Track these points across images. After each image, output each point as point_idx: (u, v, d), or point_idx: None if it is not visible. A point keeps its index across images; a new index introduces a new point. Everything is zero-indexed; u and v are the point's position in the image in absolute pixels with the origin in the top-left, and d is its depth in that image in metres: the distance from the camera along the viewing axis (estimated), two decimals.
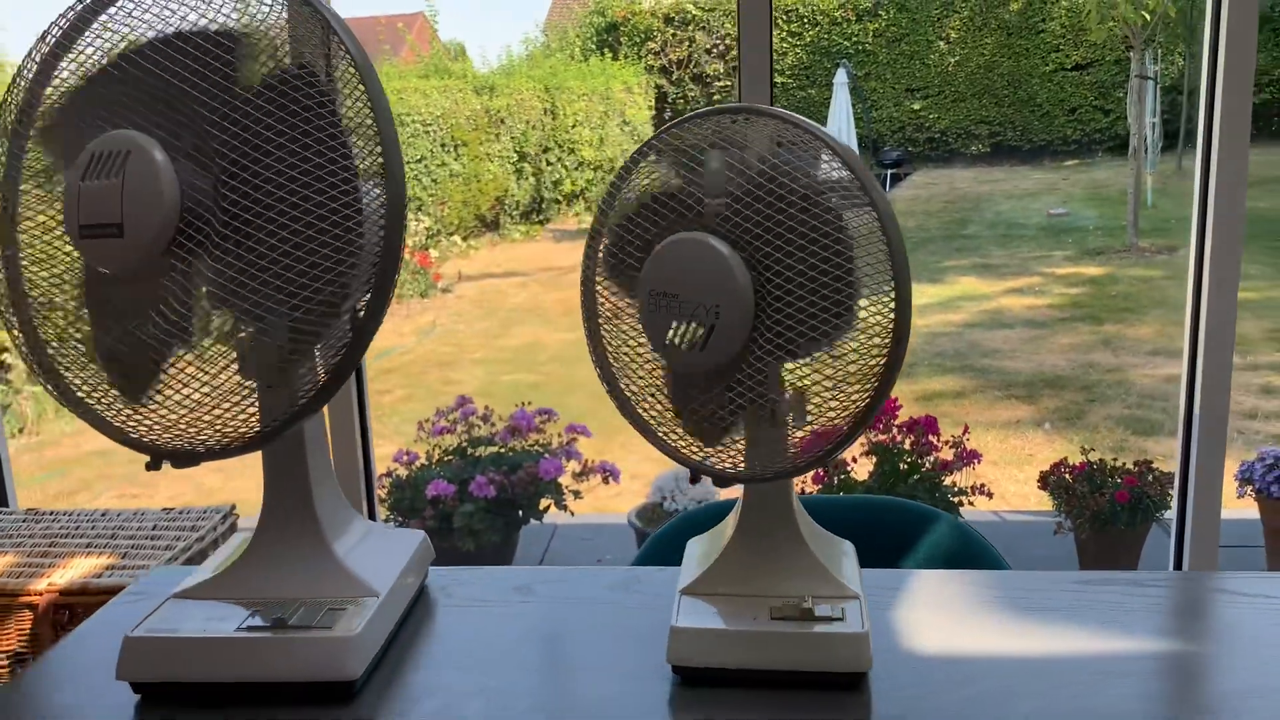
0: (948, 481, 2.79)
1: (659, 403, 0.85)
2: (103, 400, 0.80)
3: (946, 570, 1.01)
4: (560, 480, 2.97)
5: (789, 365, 0.78)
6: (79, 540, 2.07)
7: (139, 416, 0.81)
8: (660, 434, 0.86)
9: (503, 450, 2.95)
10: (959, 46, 14.78)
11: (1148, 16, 8.30)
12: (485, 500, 2.76)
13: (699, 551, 0.92)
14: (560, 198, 13.20)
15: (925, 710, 0.78)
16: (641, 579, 1.00)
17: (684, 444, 0.86)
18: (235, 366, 0.79)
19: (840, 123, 12.24)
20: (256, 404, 0.82)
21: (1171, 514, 2.75)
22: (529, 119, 12.77)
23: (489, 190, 12.04)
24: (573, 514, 3.03)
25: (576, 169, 13.28)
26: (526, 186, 12.64)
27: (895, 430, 2.92)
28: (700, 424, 0.83)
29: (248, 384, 0.80)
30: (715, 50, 15.15)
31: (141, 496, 5.05)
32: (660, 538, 1.13)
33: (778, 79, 14.72)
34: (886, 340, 0.76)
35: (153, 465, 0.80)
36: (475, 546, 2.78)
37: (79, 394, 0.79)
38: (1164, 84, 11.84)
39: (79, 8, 0.77)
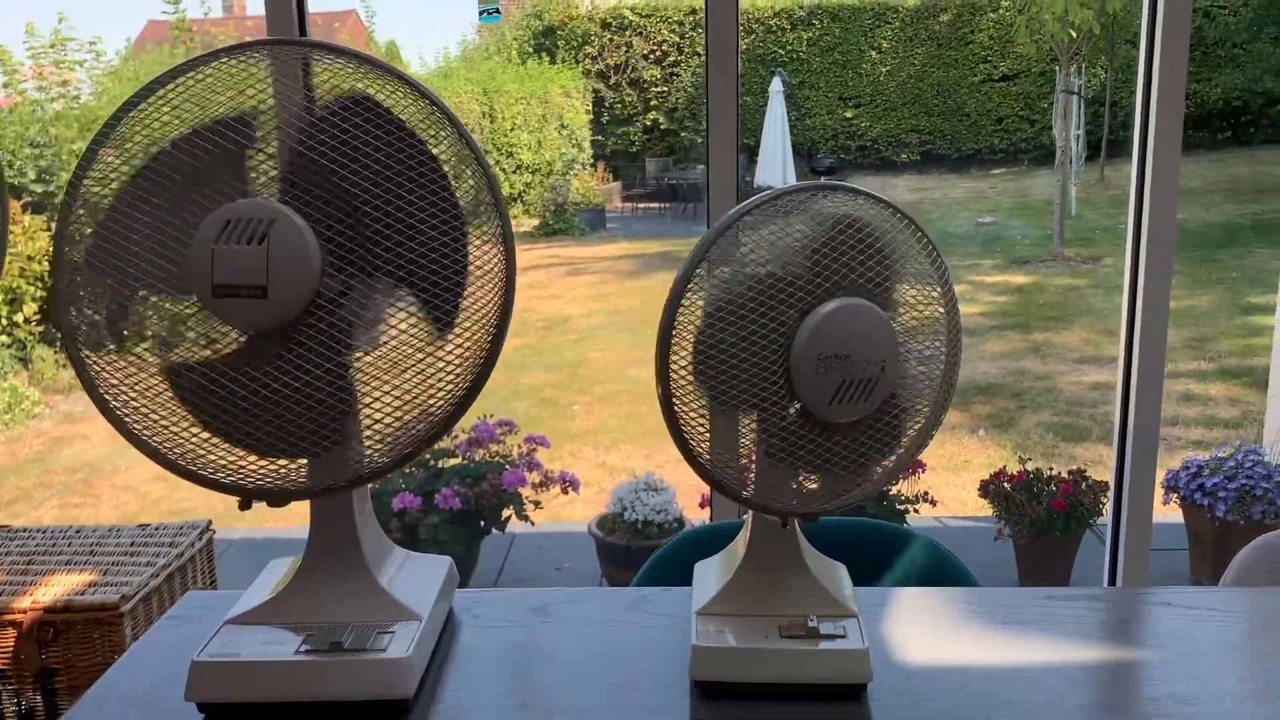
0: (894, 490, 2.93)
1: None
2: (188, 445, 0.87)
3: (927, 588, 1.12)
4: (520, 490, 3.04)
5: None
6: (58, 557, 2.10)
7: (230, 463, 0.88)
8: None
9: (466, 462, 3.02)
10: (890, 56, 15.10)
11: (1074, 34, 8.60)
12: (450, 512, 2.82)
13: (709, 575, 1.01)
14: None
15: (919, 716, 0.88)
16: (650, 599, 1.09)
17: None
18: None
19: (776, 129, 12.44)
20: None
21: (1104, 520, 2.92)
22: (467, 121, 12.78)
23: None
24: (533, 524, 3.10)
25: (515, 172, 13.31)
26: None
27: None
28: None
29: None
30: (652, 56, 15.27)
31: (85, 505, 5.00)
32: (661, 559, 1.23)
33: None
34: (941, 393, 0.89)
35: (244, 505, 0.88)
36: None
37: (153, 440, 0.86)
38: (1086, 96, 12.23)
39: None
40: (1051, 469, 3.03)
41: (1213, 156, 12.84)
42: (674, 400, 0.87)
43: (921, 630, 1.01)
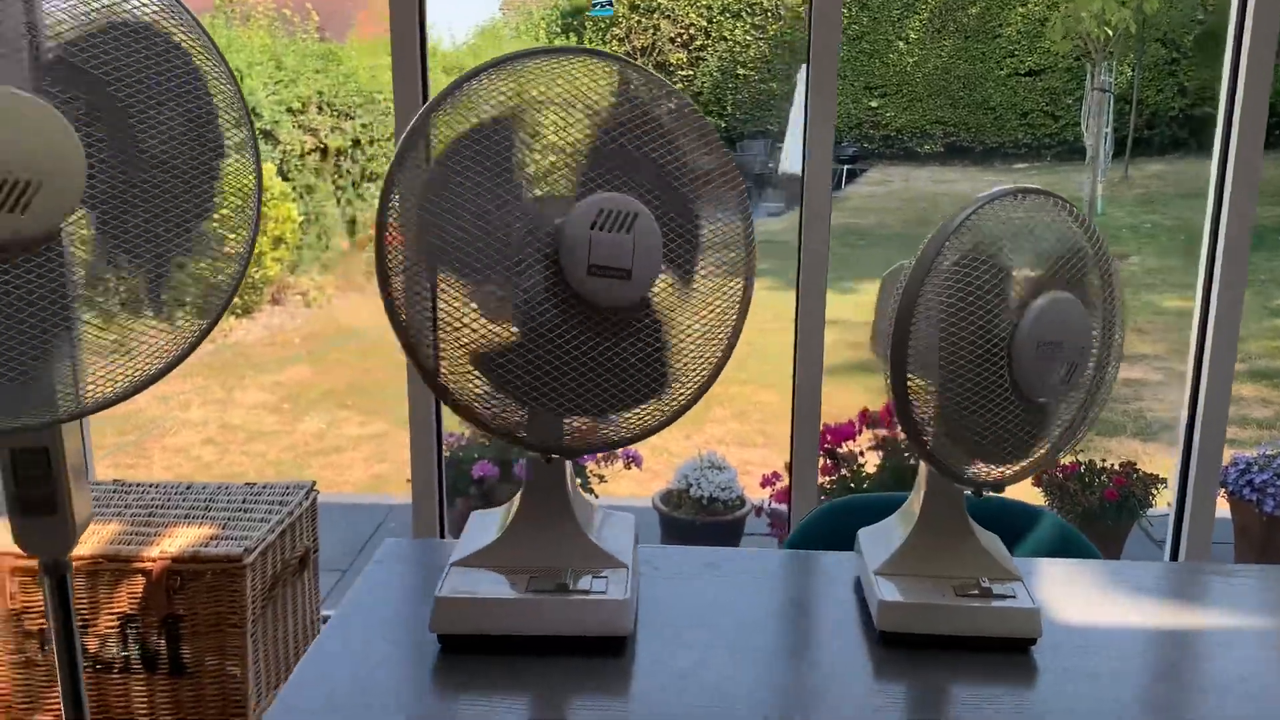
0: None
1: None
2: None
3: (1070, 559, 1.22)
4: (586, 464, 3.15)
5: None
6: (176, 512, 2.21)
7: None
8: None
9: None
10: (918, 47, 15.12)
11: (1110, 32, 8.65)
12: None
13: (879, 539, 1.11)
14: None
15: (1083, 667, 0.98)
16: (810, 559, 1.20)
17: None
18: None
19: (802, 117, 12.48)
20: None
21: (1156, 511, 3.03)
22: None
23: None
24: (597, 496, 3.21)
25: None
26: None
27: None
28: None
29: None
30: (679, 39, 15.31)
31: (138, 466, 5.12)
32: (805, 527, 1.33)
33: (740, 71, 14.97)
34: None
35: (549, 460, 1.01)
36: None
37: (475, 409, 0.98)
38: (1114, 94, 12.27)
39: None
40: (1105, 461, 3.14)
41: None
42: (908, 386, 0.98)
43: (1072, 594, 1.12)
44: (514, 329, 0.93)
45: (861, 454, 3.17)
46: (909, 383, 0.98)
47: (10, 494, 1.09)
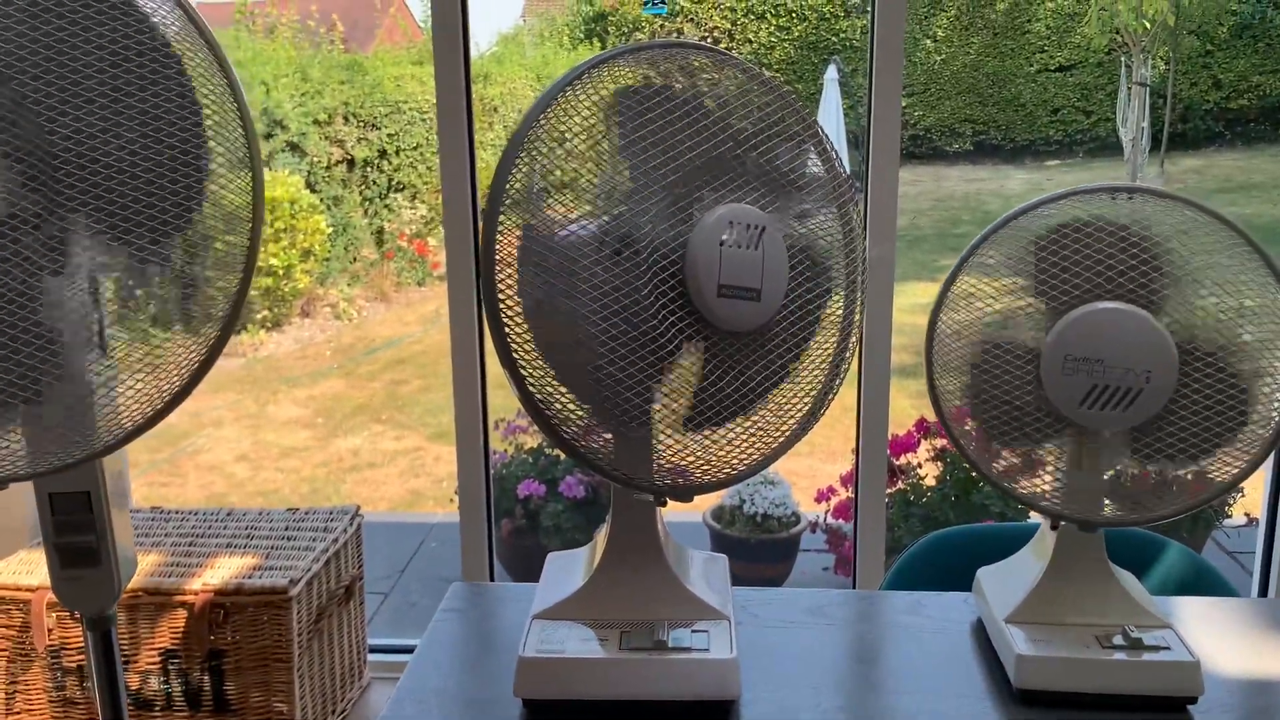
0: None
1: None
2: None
3: (1205, 598, 1.10)
4: None
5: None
6: (217, 540, 2.12)
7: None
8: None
9: None
10: (945, 45, 14.96)
11: (1148, 25, 8.48)
12: (574, 500, 2.84)
13: (1003, 582, 1.00)
14: None
15: None
16: (925, 603, 1.08)
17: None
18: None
19: (830, 118, 12.34)
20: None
21: (1231, 521, 2.90)
22: (521, 108, 12.79)
23: (483, 179, 12.04)
24: None
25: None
26: None
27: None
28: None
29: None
30: (704, 42, 15.23)
31: (171, 485, 5.06)
32: (908, 562, 1.22)
33: (764, 74, 14.85)
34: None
35: (661, 503, 0.91)
36: (561, 545, 2.85)
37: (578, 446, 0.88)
38: (1148, 88, 12.06)
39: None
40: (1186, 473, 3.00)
41: (1274, 150, 12.63)
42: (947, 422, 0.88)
43: (1228, 641, 1.00)
44: (623, 355, 0.82)
45: (919, 466, 3.05)
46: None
47: (49, 543, 1.00)
